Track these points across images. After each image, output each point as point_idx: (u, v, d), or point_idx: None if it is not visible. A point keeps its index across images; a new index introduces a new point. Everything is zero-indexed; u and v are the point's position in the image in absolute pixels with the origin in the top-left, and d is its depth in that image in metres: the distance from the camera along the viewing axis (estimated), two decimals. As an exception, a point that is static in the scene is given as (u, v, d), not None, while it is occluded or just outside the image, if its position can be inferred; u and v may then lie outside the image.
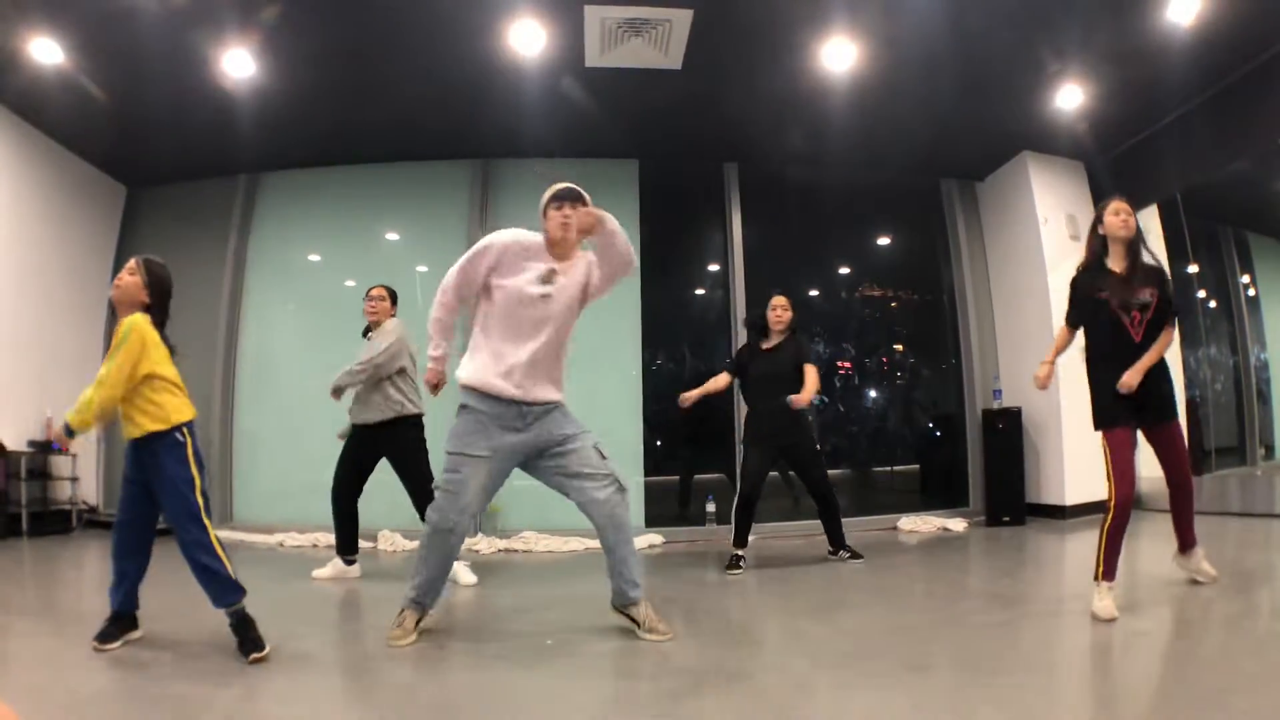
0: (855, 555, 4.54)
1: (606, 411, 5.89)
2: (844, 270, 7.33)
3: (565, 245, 2.79)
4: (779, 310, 4.55)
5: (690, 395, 4.46)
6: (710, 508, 5.99)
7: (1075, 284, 3.18)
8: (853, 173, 6.70)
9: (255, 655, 2.42)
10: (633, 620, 2.79)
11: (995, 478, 6.16)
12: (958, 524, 6.00)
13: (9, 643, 2.81)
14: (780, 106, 5.59)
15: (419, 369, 3.75)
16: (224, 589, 2.51)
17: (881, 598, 3.62)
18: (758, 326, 4.62)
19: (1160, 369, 3.06)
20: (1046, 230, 6.25)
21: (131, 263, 2.69)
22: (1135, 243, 3.09)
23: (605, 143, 6.09)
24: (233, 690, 2.22)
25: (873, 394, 7.21)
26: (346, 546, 4.16)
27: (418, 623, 2.77)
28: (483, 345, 2.77)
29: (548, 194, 2.81)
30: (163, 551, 2.63)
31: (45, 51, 4.64)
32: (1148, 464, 3.37)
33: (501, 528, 5.61)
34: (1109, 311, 3.02)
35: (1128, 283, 3.03)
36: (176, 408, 2.60)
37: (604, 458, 2.81)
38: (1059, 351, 3.29)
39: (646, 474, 5.99)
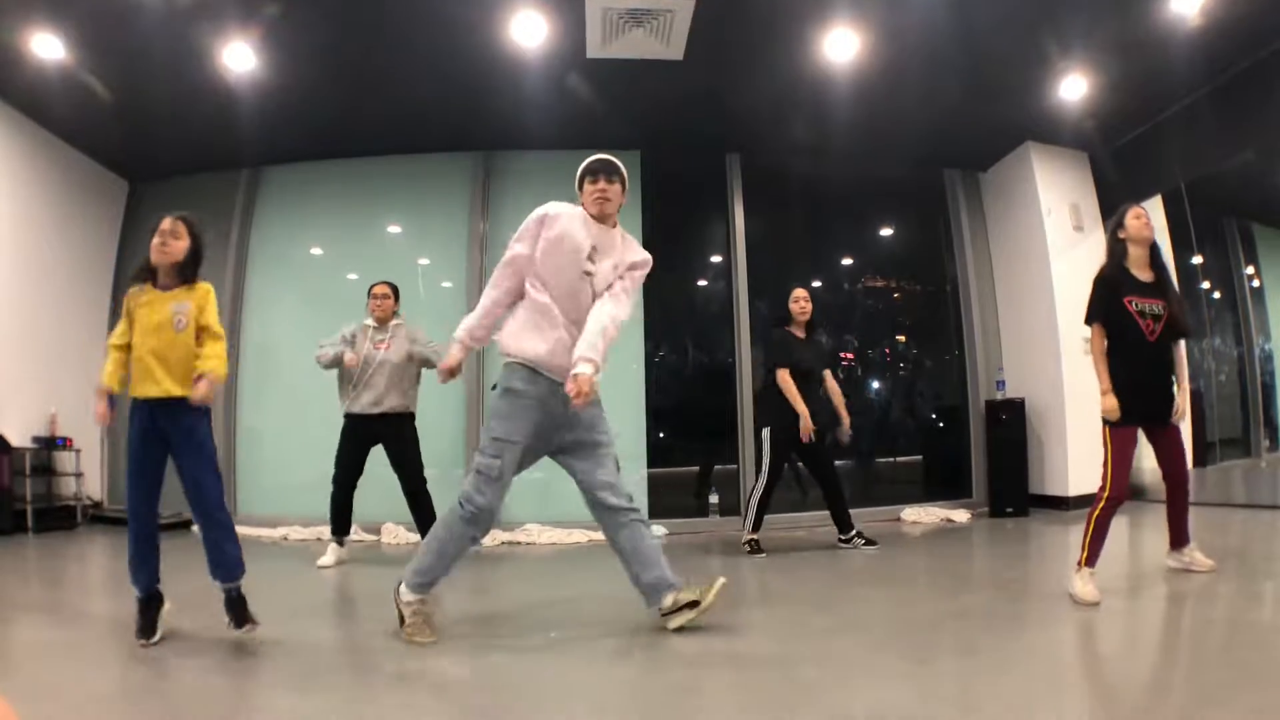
0: (870, 541, 4.62)
1: (609, 404, 5.71)
2: (847, 261, 7.31)
3: (603, 219, 2.89)
4: (802, 301, 4.65)
5: (806, 424, 4.39)
6: (713, 499, 6.01)
7: (1102, 282, 3.20)
8: (855, 164, 6.66)
9: (250, 626, 2.48)
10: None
11: (998, 469, 6.16)
12: (961, 515, 6.01)
13: (15, 639, 2.82)
14: (783, 97, 5.56)
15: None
16: (238, 564, 2.56)
17: (885, 589, 3.63)
18: (783, 320, 4.70)
19: (1169, 374, 3.20)
20: (1050, 221, 6.22)
21: (178, 226, 2.63)
22: (1156, 246, 3.21)
23: (607, 134, 6.05)
24: (249, 682, 2.23)
25: (876, 385, 7.20)
26: (343, 530, 4.43)
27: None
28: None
29: (581, 167, 2.96)
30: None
31: (47, 47, 4.63)
32: (1149, 456, 3.38)
33: (505, 520, 5.61)
34: (1129, 313, 3.10)
35: (1147, 288, 3.15)
36: None
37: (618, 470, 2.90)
38: (1106, 359, 3.15)
39: (650, 466, 5.99)
